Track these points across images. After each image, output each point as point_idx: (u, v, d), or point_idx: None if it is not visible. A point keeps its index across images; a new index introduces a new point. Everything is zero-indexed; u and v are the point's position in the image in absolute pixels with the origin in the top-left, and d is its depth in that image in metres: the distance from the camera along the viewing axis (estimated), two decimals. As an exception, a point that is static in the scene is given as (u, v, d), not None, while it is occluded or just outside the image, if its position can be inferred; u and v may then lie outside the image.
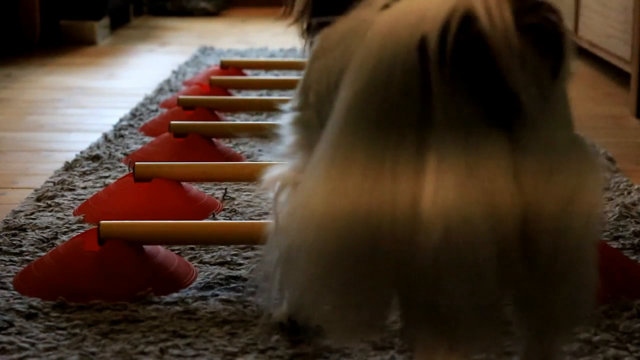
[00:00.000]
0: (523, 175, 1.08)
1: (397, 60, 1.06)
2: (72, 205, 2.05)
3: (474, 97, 1.07)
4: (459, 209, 1.05)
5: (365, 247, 1.08)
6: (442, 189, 1.05)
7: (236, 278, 1.66)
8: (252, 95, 3.15)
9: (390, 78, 1.07)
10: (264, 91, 3.18)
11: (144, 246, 1.65)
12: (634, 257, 1.75)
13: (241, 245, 1.79)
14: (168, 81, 3.41)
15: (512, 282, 1.10)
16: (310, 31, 1.36)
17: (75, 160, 2.38)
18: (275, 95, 3.08)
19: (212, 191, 2.15)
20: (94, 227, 1.65)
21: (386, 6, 1.11)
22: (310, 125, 1.30)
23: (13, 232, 1.87)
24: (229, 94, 3.03)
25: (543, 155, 1.09)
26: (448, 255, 1.05)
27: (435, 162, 1.06)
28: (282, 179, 1.34)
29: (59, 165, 2.35)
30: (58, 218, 1.97)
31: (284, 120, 1.35)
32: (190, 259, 1.74)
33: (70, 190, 2.16)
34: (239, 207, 2.05)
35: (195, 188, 2.08)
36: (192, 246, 1.79)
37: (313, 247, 1.11)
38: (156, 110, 2.95)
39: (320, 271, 1.12)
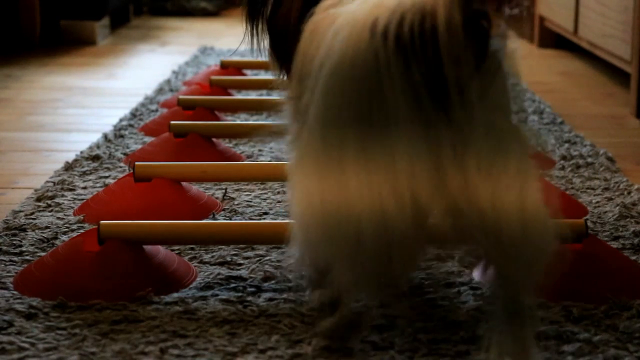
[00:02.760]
0: (465, 166, 1.13)
1: (359, 51, 1.10)
2: (72, 205, 2.05)
3: (424, 84, 1.10)
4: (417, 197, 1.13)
5: (377, 234, 1.15)
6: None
7: (236, 278, 1.66)
8: (252, 95, 3.15)
9: (354, 68, 1.10)
10: (264, 91, 3.18)
11: (144, 246, 1.65)
12: (634, 257, 1.75)
13: (241, 245, 1.79)
14: (168, 81, 3.41)
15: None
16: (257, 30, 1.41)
17: (75, 160, 2.38)
18: (275, 95, 3.08)
19: (212, 191, 2.15)
20: (94, 227, 1.65)
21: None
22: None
23: (13, 232, 1.87)
24: (229, 94, 3.03)
25: (483, 145, 1.13)
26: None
27: (405, 154, 1.11)
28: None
29: (59, 165, 2.35)
30: (58, 218, 1.96)
31: (285, 111, 1.38)
32: (190, 259, 1.74)
33: (70, 190, 2.16)
34: (239, 207, 2.05)
35: (195, 188, 2.08)
36: (192, 246, 1.79)
37: (327, 243, 1.19)
38: (156, 110, 2.95)
39: (342, 257, 1.20)
